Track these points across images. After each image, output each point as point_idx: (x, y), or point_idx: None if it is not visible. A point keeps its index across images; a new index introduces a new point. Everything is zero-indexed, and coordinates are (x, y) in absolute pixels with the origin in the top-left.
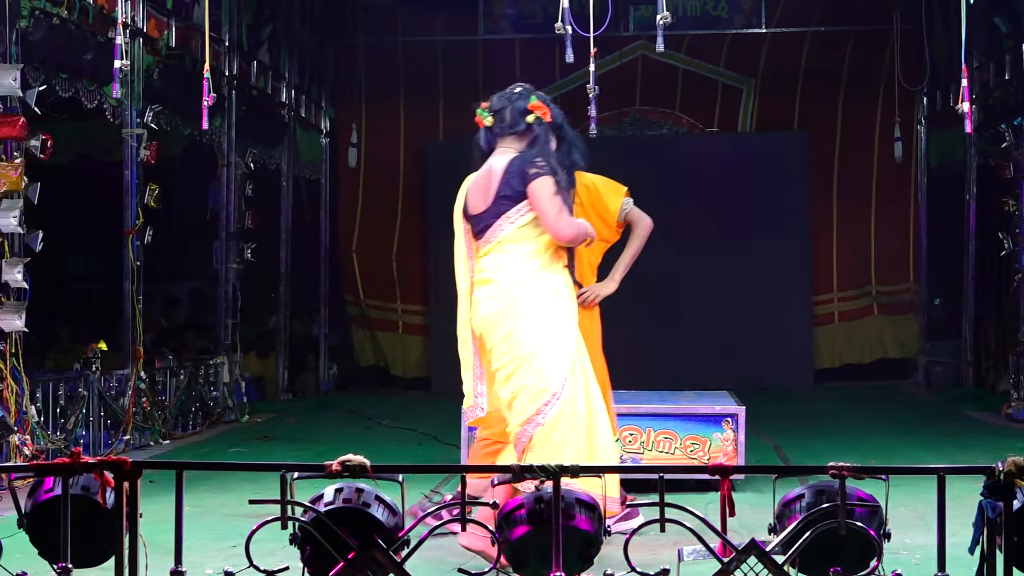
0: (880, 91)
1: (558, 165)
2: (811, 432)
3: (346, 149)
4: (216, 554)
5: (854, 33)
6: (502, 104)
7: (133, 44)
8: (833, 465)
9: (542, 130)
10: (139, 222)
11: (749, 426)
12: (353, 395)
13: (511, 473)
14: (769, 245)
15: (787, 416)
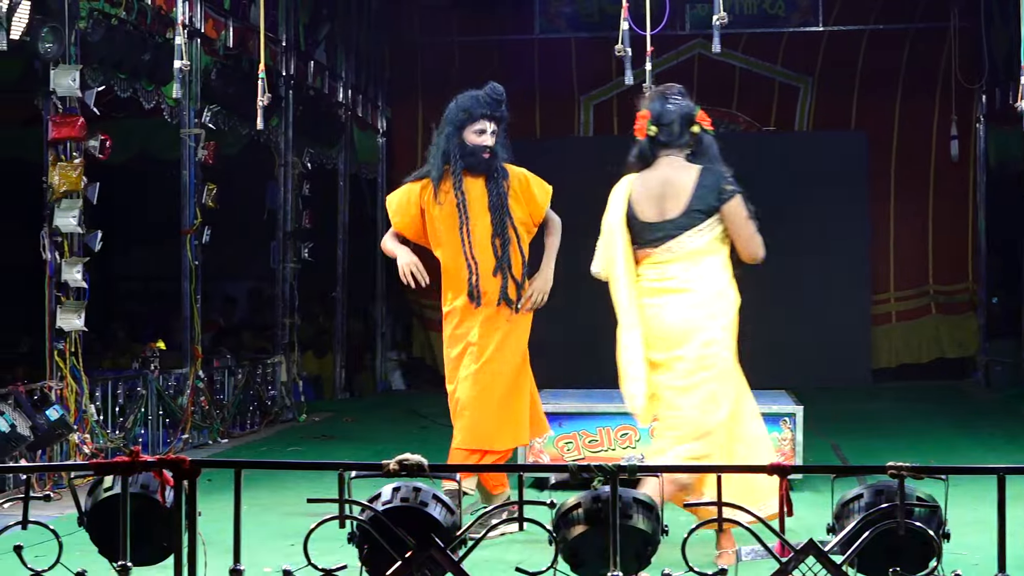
0: (938, 89)
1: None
2: (869, 432)
3: (403, 148)
4: (274, 552)
5: (912, 31)
6: (670, 117)
7: (191, 44)
8: (892, 465)
9: (709, 140)
10: (197, 222)
11: (807, 425)
12: (410, 394)
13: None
14: (826, 244)
15: (845, 416)
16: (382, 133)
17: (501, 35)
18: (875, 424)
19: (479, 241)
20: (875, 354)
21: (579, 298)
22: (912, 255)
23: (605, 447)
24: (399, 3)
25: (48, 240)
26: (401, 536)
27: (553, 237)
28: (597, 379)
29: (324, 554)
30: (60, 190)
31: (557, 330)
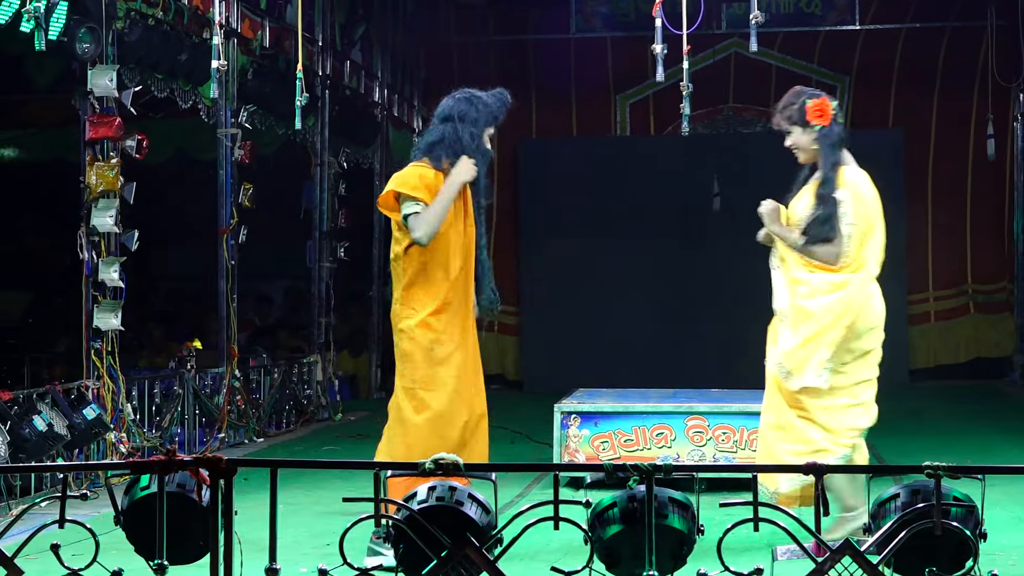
0: (975, 87)
1: None
2: (906, 431)
3: None
4: (310, 552)
5: (949, 29)
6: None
7: (228, 44)
8: (928, 465)
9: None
10: (234, 221)
11: None
12: None
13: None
14: None
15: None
16: (418, 132)
17: (537, 34)
18: (912, 424)
19: (469, 244)
20: (912, 354)
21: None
22: (950, 254)
23: (641, 446)
24: (435, 3)
25: (85, 240)
26: (437, 535)
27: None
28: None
29: (360, 553)
30: (97, 190)
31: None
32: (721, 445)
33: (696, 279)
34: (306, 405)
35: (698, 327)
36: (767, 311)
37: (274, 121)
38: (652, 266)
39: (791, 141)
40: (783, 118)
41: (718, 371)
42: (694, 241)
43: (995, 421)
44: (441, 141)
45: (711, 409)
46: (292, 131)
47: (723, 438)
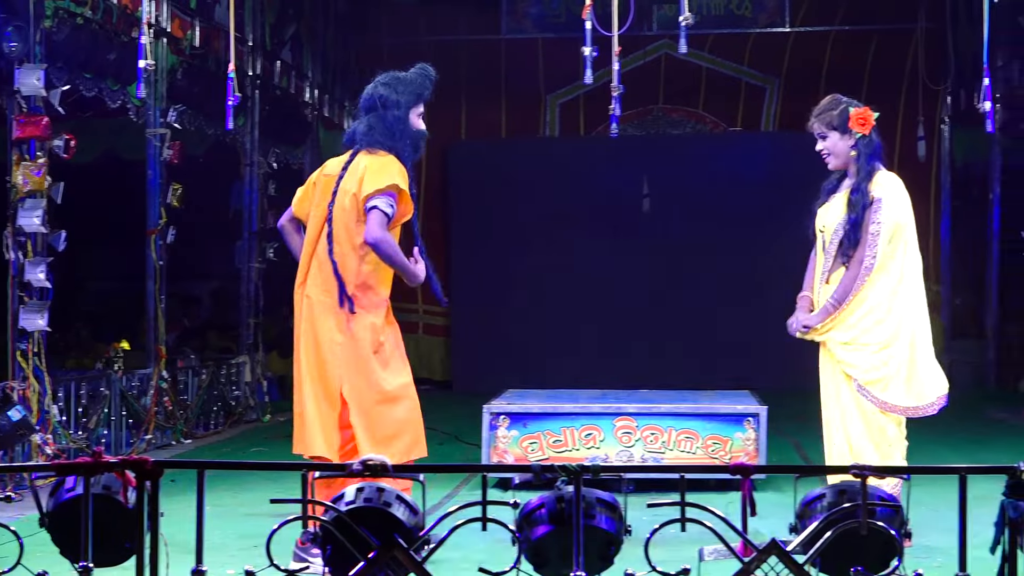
0: (903, 90)
1: None
2: None
3: None
4: (237, 553)
5: (878, 32)
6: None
7: (157, 44)
8: (855, 465)
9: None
10: (162, 221)
11: (770, 426)
12: None
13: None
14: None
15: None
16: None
17: (468, 35)
18: None
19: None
20: None
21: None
22: None
23: (569, 447)
24: (366, 3)
25: (11, 240)
26: (364, 536)
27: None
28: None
29: (287, 555)
30: (24, 190)
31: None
32: (649, 446)
33: (626, 280)
34: (234, 406)
35: (628, 327)
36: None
37: (203, 121)
38: (582, 267)
39: (826, 146)
40: (822, 122)
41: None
42: (624, 242)
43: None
44: (372, 130)
45: (639, 410)
46: (222, 131)
47: (651, 439)
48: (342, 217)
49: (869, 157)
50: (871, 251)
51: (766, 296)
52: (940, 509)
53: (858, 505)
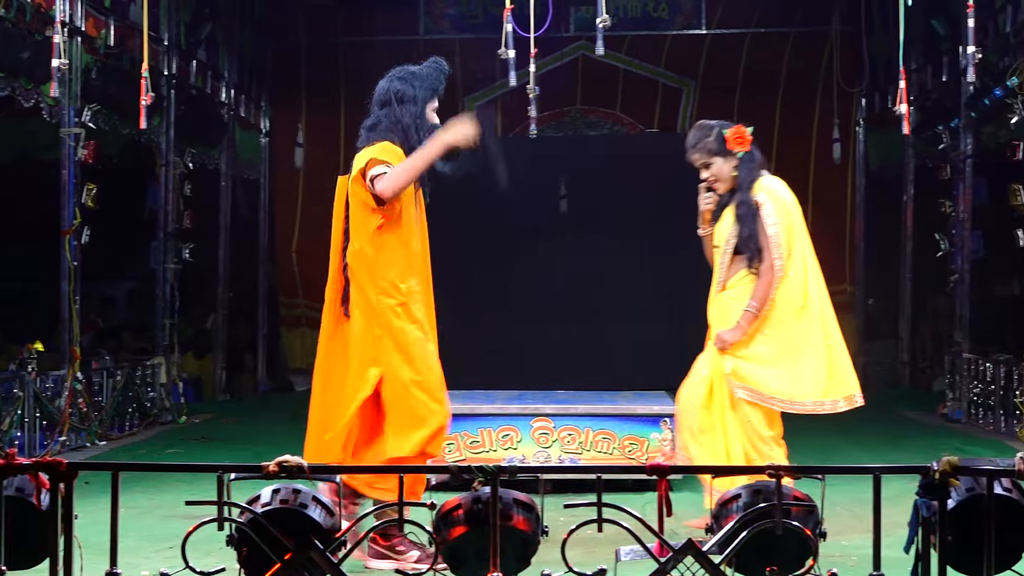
0: (819, 92)
1: None
2: None
3: (286, 149)
4: (152, 555)
5: (793, 34)
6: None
7: (71, 43)
8: (770, 465)
9: None
10: (76, 222)
11: None
12: (291, 395)
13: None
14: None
15: None
16: (264, 133)
17: (386, 36)
18: None
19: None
20: None
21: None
22: None
23: (486, 448)
24: (283, 3)
25: None
26: (280, 538)
27: None
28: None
29: (203, 556)
30: None
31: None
32: (566, 446)
33: (544, 280)
34: (149, 408)
35: (547, 328)
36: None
37: (119, 121)
38: (500, 266)
39: (712, 173)
40: (702, 152)
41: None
42: (542, 242)
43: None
44: (377, 125)
45: (556, 411)
46: (137, 131)
47: (568, 439)
48: (356, 217)
49: (751, 171)
50: (777, 253)
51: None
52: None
53: (773, 505)
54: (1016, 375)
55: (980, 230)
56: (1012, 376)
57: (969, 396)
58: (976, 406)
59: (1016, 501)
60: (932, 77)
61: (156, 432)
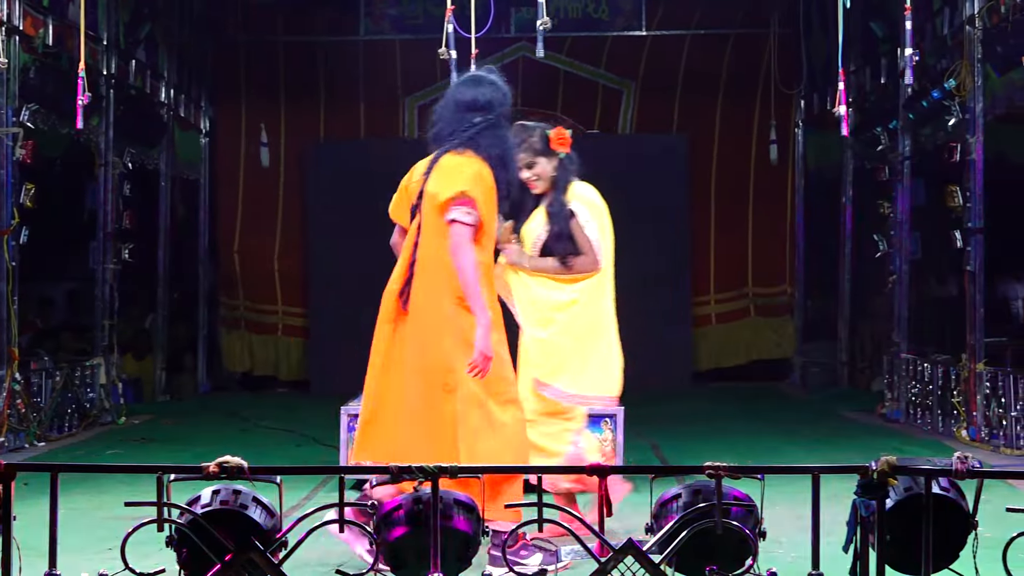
0: (758, 94)
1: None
2: (688, 432)
3: (226, 148)
4: (92, 557)
5: (733, 36)
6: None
7: (9, 42)
8: (709, 465)
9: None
10: (15, 222)
11: (627, 427)
12: (231, 396)
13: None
14: (647, 247)
15: (665, 416)
16: (205, 133)
17: (327, 36)
18: (694, 425)
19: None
20: (696, 355)
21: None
22: (732, 257)
23: None
24: (222, 2)
25: None
26: (220, 539)
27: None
28: None
29: (143, 558)
30: None
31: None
32: None
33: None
34: (89, 408)
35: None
36: None
37: (57, 120)
38: None
39: (535, 172)
40: (528, 151)
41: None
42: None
43: (775, 421)
44: (477, 135)
45: None
46: (75, 131)
47: None
48: (430, 220)
49: (568, 172)
50: (600, 256)
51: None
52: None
53: (713, 505)
54: (954, 375)
55: (918, 231)
56: (950, 376)
57: (907, 396)
58: (914, 406)
59: (954, 500)
60: (871, 79)
61: (96, 433)
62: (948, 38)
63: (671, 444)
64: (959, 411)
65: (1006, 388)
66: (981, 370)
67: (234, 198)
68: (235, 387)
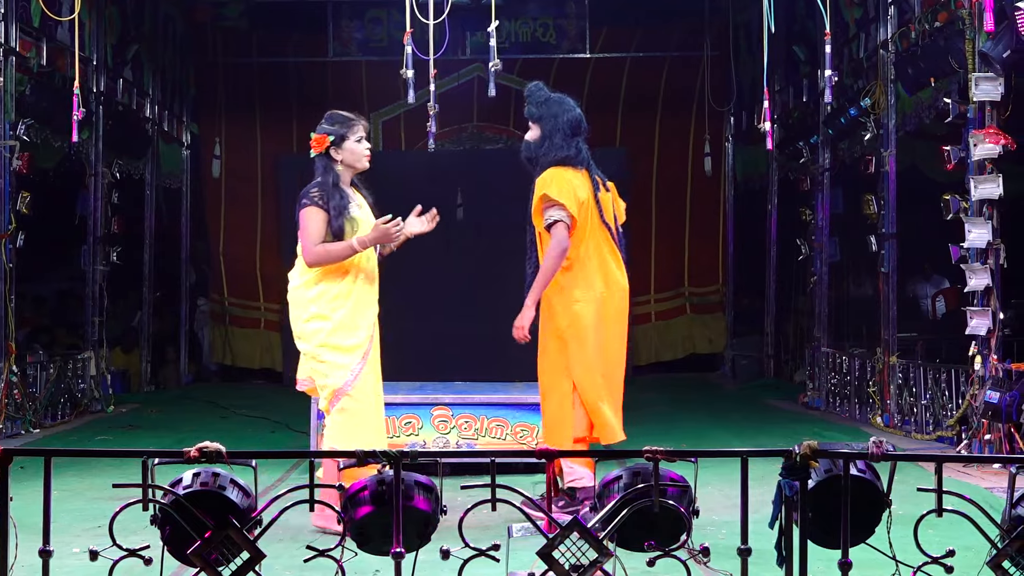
0: (693, 111)
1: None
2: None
3: (207, 160)
4: (82, 534)
5: (669, 58)
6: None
7: (6, 62)
8: (648, 449)
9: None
10: (12, 227)
11: None
12: (211, 387)
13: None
14: None
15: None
16: (186, 146)
17: (297, 57)
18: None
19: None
20: (636, 350)
21: None
22: (670, 260)
23: (391, 434)
24: (202, 26)
25: None
26: (200, 518)
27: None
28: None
29: (129, 535)
30: None
31: None
32: (463, 432)
33: (444, 280)
34: (80, 398)
35: (448, 323)
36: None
37: (51, 134)
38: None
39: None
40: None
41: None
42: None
43: (708, 410)
44: (554, 143)
45: (454, 400)
46: (68, 144)
47: (465, 426)
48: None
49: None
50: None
51: None
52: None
53: (651, 486)
54: (869, 367)
55: (837, 236)
56: (866, 368)
57: (827, 386)
58: (833, 395)
59: (870, 481)
60: (793, 97)
61: (86, 421)
62: (864, 61)
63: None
64: (874, 400)
65: (916, 379)
66: (894, 362)
67: (218, 204)
68: (214, 378)
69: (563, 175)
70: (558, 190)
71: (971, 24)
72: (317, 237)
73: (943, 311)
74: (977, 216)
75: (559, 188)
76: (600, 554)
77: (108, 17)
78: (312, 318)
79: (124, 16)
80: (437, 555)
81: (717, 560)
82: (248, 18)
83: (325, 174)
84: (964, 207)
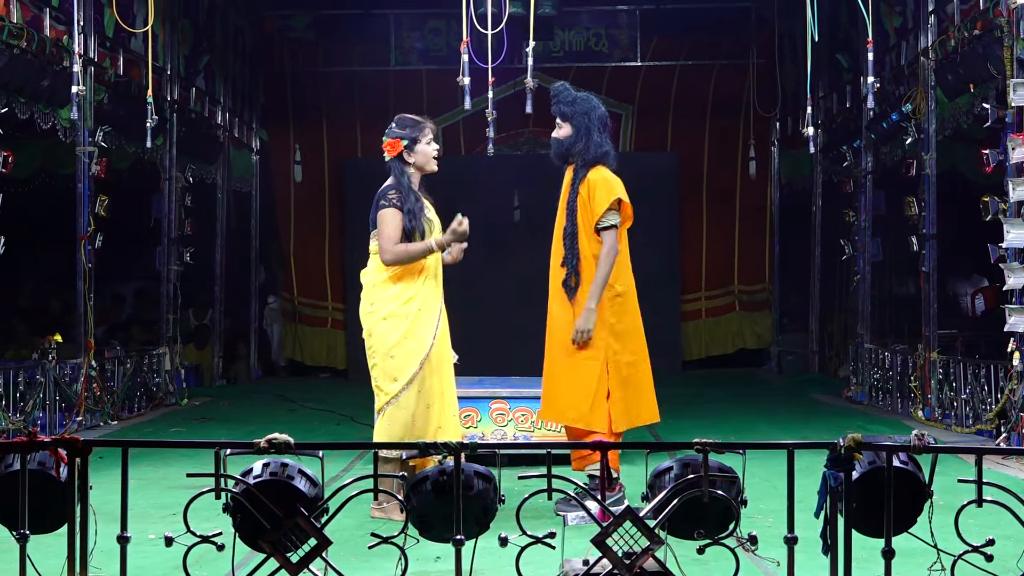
0: (740, 116)
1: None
2: (679, 413)
3: (278, 165)
4: (158, 521)
5: (717, 66)
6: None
7: (85, 72)
8: (698, 441)
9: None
10: (91, 229)
11: None
12: (280, 381)
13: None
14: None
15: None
16: (256, 152)
17: (361, 66)
18: (685, 406)
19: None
20: (687, 345)
21: None
22: (720, 259)
23: None
24: (270, 37)
25: None
26: (270, 506)
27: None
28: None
29: (202, 522)
30: None
31: None
32: (520, 425)
33: (501, 280)
34: (155, 392)
35: (505, 321)
36: None
37: (126, 140)
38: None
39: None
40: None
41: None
42: (499, 248)
43: (755, 403)
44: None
45: (512, 394)
46: (142, 149)
47: (522, 419)
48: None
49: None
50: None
51: None
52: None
53: (701, 476)
54: (911, 363)
55: (879, 237)
56: (907, 364)
57: (870, 381)
58: (876, 390)
59: (912, 472)
60: (837, 103)
61: (161, 413)
62: (905, 68)
63: (664, 423)
64: (916, 394)
65: (957, 374)
66: (935, 358)
67: (287, 208)
68: (283, 373)
69: (617, 179)
70: (623, 195)
71: (1009, 32)
72: (396, 237)
73: (982, 309)
74: (1015, 217)
75: (623, 193)
76: (652, 542)
77: (181, 29)
78: (389, 316)
79: (196, 28)
80: (495, 542)
81: (764, 548)
82: (314, 29)
83: (400, 177)
84: (1003, 208)
